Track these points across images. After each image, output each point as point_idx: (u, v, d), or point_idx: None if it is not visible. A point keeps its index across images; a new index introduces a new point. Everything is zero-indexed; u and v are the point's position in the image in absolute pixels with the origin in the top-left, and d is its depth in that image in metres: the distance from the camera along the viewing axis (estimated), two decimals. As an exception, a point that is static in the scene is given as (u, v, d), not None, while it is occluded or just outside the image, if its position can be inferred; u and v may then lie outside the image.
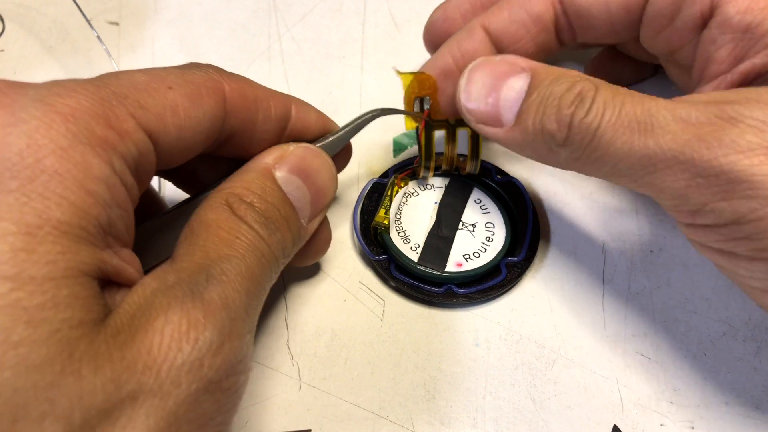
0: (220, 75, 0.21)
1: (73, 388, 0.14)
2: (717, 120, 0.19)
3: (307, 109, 0.24)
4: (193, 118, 0.19)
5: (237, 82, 0.21)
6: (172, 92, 0.19)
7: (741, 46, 0.22)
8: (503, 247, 0.28)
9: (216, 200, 0.20)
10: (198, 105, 0.20)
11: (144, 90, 0.18)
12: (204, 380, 0.16)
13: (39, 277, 0.14)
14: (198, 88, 0.20)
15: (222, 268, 0.18)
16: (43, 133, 0.15)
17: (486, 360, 0.26)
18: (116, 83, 0.18)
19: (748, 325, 0.27)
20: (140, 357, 0.15)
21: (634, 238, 0.30)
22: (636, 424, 0.25)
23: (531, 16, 0.27)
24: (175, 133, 0.19)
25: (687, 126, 0.19)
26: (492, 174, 0.31)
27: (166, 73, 0.20)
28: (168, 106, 0.19)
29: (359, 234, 0.29)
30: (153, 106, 0.18)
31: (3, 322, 0.13)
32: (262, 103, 0.22)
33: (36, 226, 0.14)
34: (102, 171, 0.16)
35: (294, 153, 0.23)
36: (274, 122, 0.23)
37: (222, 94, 0.21)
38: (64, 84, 0.17)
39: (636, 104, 0.21)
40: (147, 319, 0.16)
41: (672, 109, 0.20)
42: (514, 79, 0.23)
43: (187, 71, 0.20)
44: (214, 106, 0.20)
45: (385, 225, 0.28)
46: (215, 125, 0.21)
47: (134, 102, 0.18)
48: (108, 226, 0.16)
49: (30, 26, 0.39)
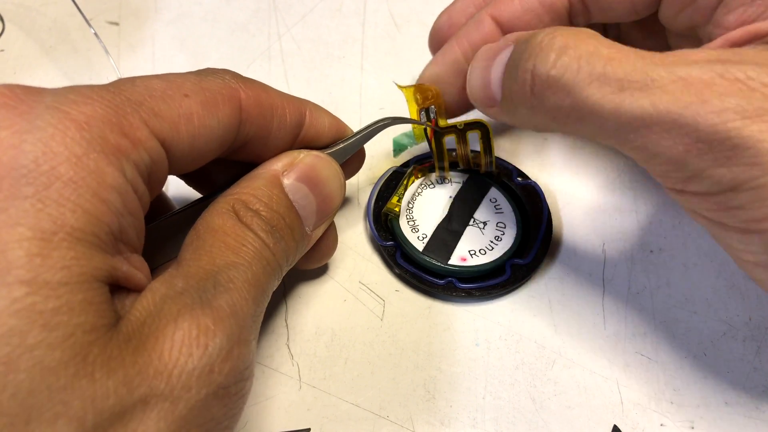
0: (236, 82, 0.21)
1: (87, 390, 0.14)
2: (722, 81, 0.18)
3: (321, 114, 0.24)
4: (207, 127, 0.19)
5: (253, 89, 0.21)
6: (187, 100, 0.19)
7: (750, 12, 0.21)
8: (511, 247, 0.28)
9: (223, 206, 0.20)
10: (213, 113, 0.20)
11: (159, 97, 0.18)
12: (213, 385, 0.16)
13: (54, 282, 0.14)
14: (214, 95, 0.20)
15: (229, 276, 0.18)
16: (58, 141, 0.15)
17: (486, 360, 0.26)
18: (131, 90, 0.18)
19: (748, 325, 0.27)
20: (151, 362, 0.15)
21: (634, 238, 0.30)
22: (636, 424, 0.25)
23: (543, 4, 0.26)
24: (189, 141, 0.19)
25: (687, 85, 0.18)
26: (513, 176, 0.31)
27: (183, 80, 0.20)
28: (183, 114, 0.19)
29: (371, 218, 0.29)
30: (167, 114, 0.18)
31: (19, 326, 0.14)
32: (278, 110, 0.22)
33: (51, 231, 0.15)
34: (115, 179, 0.16)
35: (303, 161, 0.23)
36: (288, 129, 0.23)
37: (238, 102, 0.21)
38: (80, 90, 0.17)
39: (623, 58, 0.19)
40: (157, 325, 0.16)
41: (669, 66, 0.18)
42: (500, 55, 0.23)
43: (204, 78, 0.20)
44: (230, 114, 0.20)
45: (396, 212, 0.29)
46: (230, 133, 0.21)
47: (149, 110, 0.18)
48: (119, 233, 0.17)
49: (30, 26, 0.39)
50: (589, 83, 0.19)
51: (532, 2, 0.26)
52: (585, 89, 0.19)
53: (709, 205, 0.20)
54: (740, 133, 0.17)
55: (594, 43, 0.20)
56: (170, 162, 0.19)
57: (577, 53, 0.20)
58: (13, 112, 0.16)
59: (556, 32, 0.20)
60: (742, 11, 0.21)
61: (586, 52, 0.19)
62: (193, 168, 0.21)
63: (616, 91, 0.19)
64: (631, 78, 0.19)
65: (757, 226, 0.19)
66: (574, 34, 0.20)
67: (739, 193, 0.18)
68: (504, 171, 0.31)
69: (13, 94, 0.16)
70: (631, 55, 0.19)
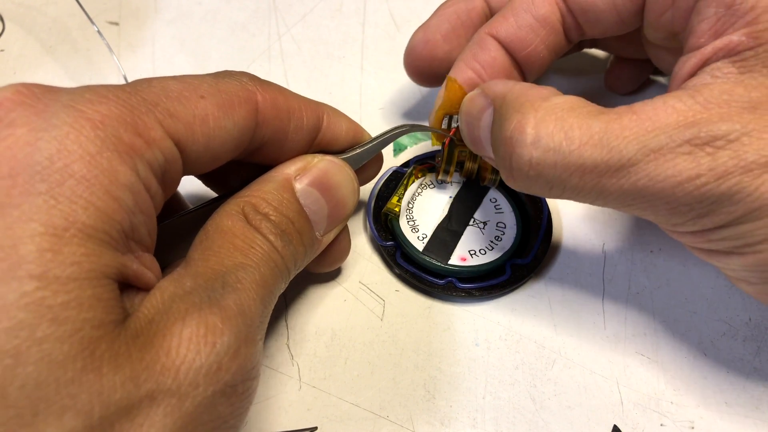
0: (254, 84, 0.21)
1: (94, 384, 0.14)
2: (691, 147, 0.19)
3: (338, 119, 0.24)
4: (223, 128, 0.19)
5: (270, 92, 0.21)
6: (203, 101, 0.19)
7: (722, 22, 0.21)
8: (511, 247, 0.28)
9: (232, 208, 0.20)
10: (229, 115, 0.20)
11: (175, 98, 0.18)
12: (221, 383, 0.16)
13: (63, 277, 0.15)
14: (230, 97, 0.20)
15: (237, 276, 0.18)
16: (72, 139, 0.16)
17: (486, 360, 0.26)
18: (147, 90, 0.18)
19: (748, 325, 0.27)
20: (159, 358, 0.16)
21: (634, 238, 0.30)
22: (636, 424, 0.25)
23: (538, 19, 0.26)
24: (204, 142, 0.19)
25: (661, 161, 0.19)
26: None
27: (200, 81, 0.20)
28: (198, 115, 0.19)
29: (371, 218, 0.29)
30: (183, 115, 0.18)
31: (28, 319, 0.14)
32: (294, 113, 0.22)
33: (62, 228, 0.15)
34: (127, 178, 0.16)
35: (317, 166, 0.23)
36: (305, 132, 0.23)
37: (254, 104, 0.21)
38: (96, 90, 0.17)
39: (595, 139, 0.20)
40: (165, 323, 0.16)
41: (640, 139, 0.19)
42: (483, 119, 0.24)
43: (221, 80, 0.20)
44: (246, 116, 0.20)
45: (396, 212, 0.29)
46: (245, 135, 0.21)
47: (164, 110, 0.18)
48: (131, 232, 0.17)
49: (30, 26, 0.39)
50: (570, 175, 0.20)
51: (526, 18, 0.26)
52: (566, 181, 0.20)
53: (694, 238, 0.21)
54: (715, 191, 0.19)
55: (564, 127, 0.20)
56: (185, 162, 0.19)
57: (550, 145, 0.20)
58: (29, 111, 0.16)
59: (524, 121, 0.21)
60: (714, 20, 0.21)
61: (558, 143, 0.20)
62: (209, 169, 0.21)
63: (596, 178, 0.20)
64: (608, 163, 0.20)
65: (737, 251, 0.20)
66: (542, 119, 0.21)
67: (720, 231, 0.20)
68: None
69: (30, 92, 0.16)
70: (601, 129, 0.20)
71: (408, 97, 0.36)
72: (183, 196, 0.27)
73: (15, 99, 0.16)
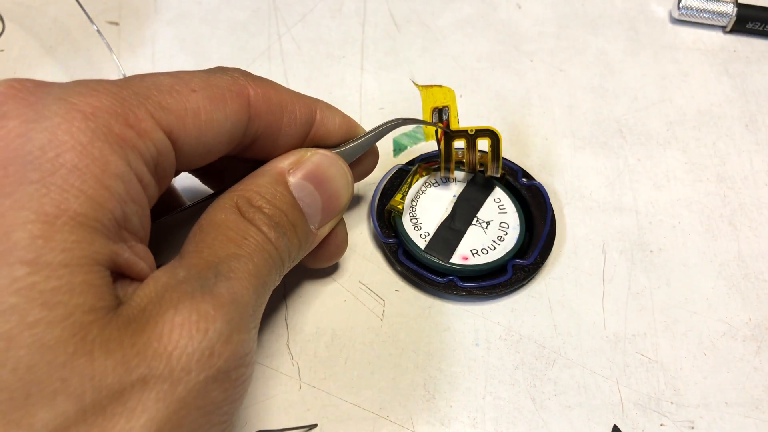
0: (245, 79, 0.21)
1: (85, 368, 0.14)
2: None
3: (332, 113, 0.24)
4: (214, 121, 0.20)
5: (262, 87, 0.21)
6: (194, 95, 0.19)
7: None
8: (513, 248, 0.28)
9: (226, 201, 0.21)
10: (220, 108, 0.20)
11: (167, 92, 0.19)
12: (213, 369, 0.16)
13: (55, 263, 0.15)
14: (222, 91, 0.20)
15: (230, 266, 0.18)
16: (64, 130, 0.16)
17: (486, 360, 0.26)
18: (139, 84, 0.18)
19: (748, 325, 0.27)
20: (151, 344, 0.16)
21: (634, 238, 0.30)
22: (636, 424, 0.25)
23: None
24: (196, 135, 0.19)
25: None
26: (518, 176, 0.31)
27: (191, 76, 0.20)
28: (190, 108, 0.19)
29: (374, 215, 0.29)
30: (174, 108, 0.19)
31: (19, 304, 0.14)
32: (287, 107, 0.22)
33: (54, 215, 0.15)
34: (118, 167, 0.17)
35: (310, 159, 0.23)
36: (298, 127, 0.23)
37: (246, 98, 0.21)
38: (87, 83, 0.17)
39: None
40: (158, 311, 0.16)
41: None
42: None
43: (212, 75, 0.20)
44: (238, 110, 0.20)
45: (399, 210, 0.29)
46: (238, 129, 0.21)
47: (155, 103, 0.18)
48: (123, 221, 0.17)
49: (30, 26, 0.39)
50: None
51: None
52: None
53: None
54: None
55: None
56: (178, 155, 0.19)
57: None
58: (21, 103, 0.16)
59: None
60: None
61: None
62: (203, 163, 0.21)
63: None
64: None
65: None
66: None
67: None
68: (509, 171, 0.31)
69: (22, 86, 0.17)
70: None
71: (408, 97, 0.36)
72: (181, 193, 0.27)
73: (7, 93, 0.16)
